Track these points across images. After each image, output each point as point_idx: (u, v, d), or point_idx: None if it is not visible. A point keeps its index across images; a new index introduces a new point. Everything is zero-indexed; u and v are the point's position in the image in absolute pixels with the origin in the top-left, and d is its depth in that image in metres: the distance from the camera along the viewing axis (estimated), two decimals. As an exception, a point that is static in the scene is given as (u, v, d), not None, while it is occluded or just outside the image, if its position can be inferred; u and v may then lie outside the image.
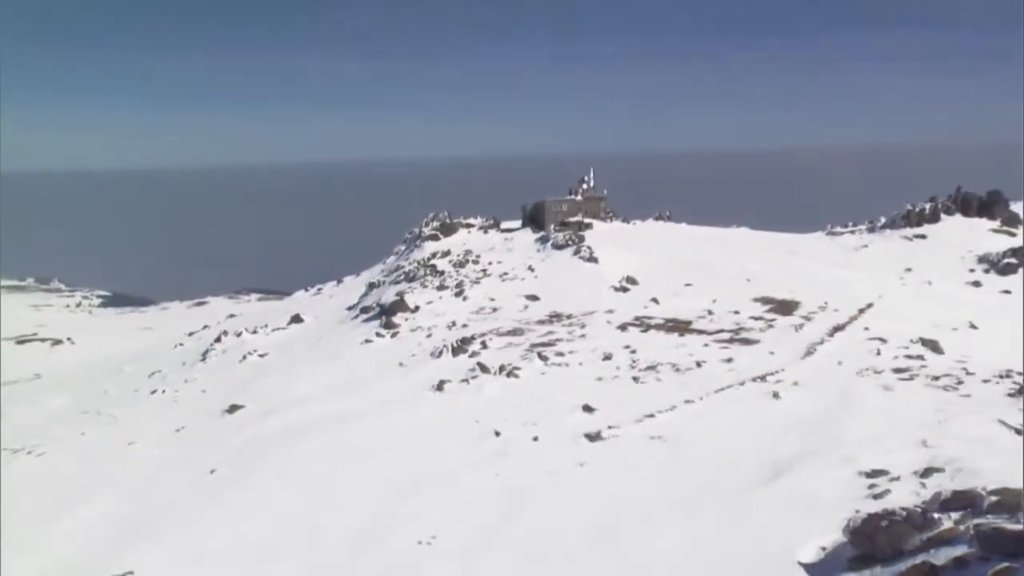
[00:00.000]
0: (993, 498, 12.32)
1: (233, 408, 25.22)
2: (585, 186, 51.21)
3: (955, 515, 12.34)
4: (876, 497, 14.14)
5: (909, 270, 34.48)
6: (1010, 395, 18.84)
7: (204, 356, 37.30)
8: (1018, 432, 16.49)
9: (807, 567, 12.40)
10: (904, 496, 14.03)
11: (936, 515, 12.49)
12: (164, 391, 30.99)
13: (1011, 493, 12.36)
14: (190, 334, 49.08)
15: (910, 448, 16.36)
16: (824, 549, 12.80)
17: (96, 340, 55.15)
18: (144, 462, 21.76)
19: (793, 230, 48.72)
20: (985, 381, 20.14)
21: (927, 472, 15.27)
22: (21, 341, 57.07)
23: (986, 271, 33.81)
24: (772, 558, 12.58)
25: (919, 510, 12.28)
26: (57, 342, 55.59)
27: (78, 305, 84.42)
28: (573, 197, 50.79)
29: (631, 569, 12.43)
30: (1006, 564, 9.46)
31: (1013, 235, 38.10)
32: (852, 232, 43.47)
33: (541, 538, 13.93)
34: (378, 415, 22.20)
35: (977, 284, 32.36)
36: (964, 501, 12.75)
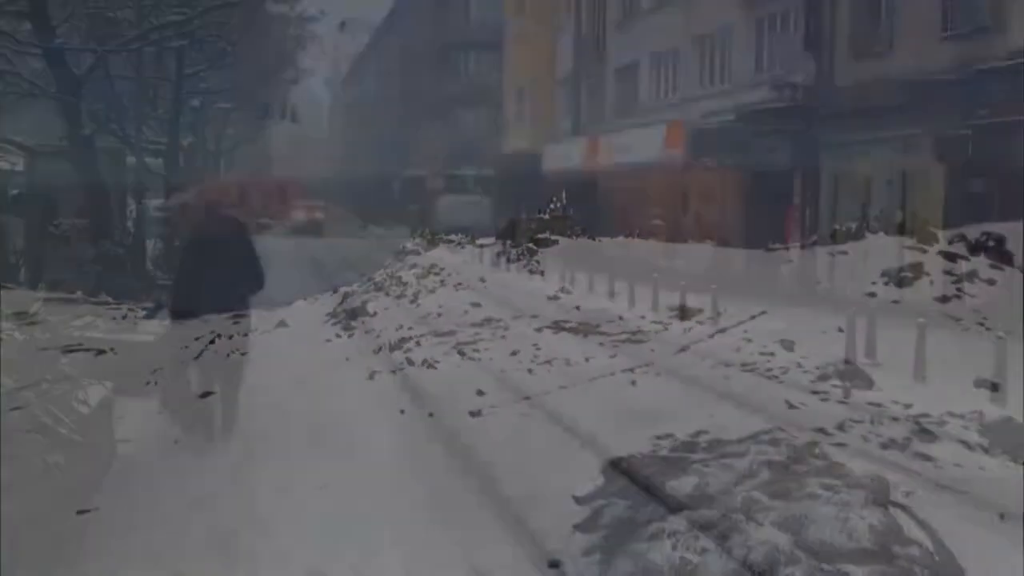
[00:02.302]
0: (704, 443, 16.52)
1: (205, 394, 29.96)
2: (552, 206, 55.97)
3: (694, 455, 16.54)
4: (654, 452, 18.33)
5: (818, 282, 38.27)
6: (812, 380, 22.88)
7: (199, 356, 42.31)
8: (791, 407, 20.54)
9: (576, 498, 16.65)
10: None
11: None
12: (156, 383, 35.95)
13: (719, 442, 16.57)
14: (197, 339, 54.39)
15: (703, 419, 20.35)
16: (598, 487, 17.11)
17: (134, 349, 60.30)
18: (123, 436, 26.66)
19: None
20: (805, 372, 24.12)
21: (697, 434, 19.34)
22: (67, 351, 62.59)
23: (885, 284, 37.34)
24: (555, 494, 16.79)
25: (652, 454, 16.50)
26: (100, 352, 60.88)
27: (124, 317, 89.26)
28: (542, 216, 55.52)
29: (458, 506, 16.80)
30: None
31: (925, 252, 41.57)
32: (786, 248, 47.34)
33: (410, 485, 18.47)
34: (315, 400, 26.72)
35: (872, 295, 35.96)
36: (688, 447, 16.90)
